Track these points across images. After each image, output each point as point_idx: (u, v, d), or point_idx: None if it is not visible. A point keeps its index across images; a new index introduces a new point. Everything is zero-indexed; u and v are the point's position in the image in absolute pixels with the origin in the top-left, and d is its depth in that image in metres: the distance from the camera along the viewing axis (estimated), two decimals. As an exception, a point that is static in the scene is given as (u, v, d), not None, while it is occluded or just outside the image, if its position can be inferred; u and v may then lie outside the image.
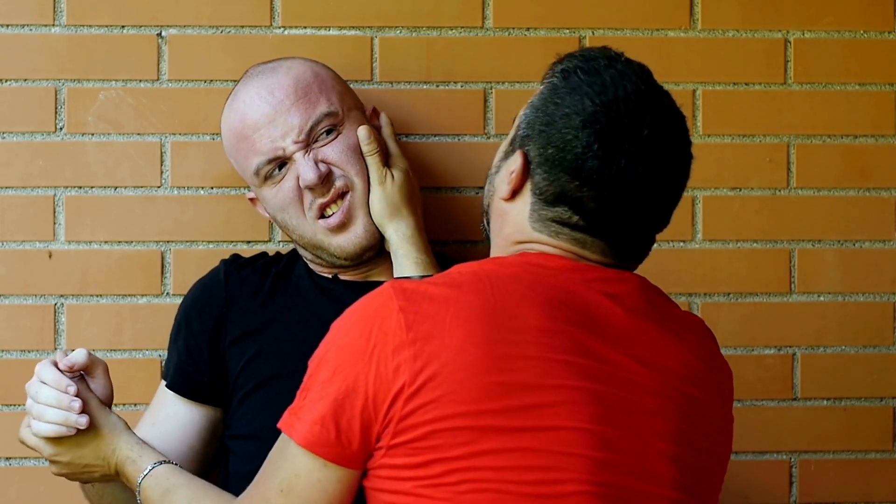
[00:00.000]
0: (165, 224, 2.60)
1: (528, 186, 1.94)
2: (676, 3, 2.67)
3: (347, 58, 2.59)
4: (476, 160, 2.62)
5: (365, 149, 2.39)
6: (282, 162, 2.38)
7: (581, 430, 1.82)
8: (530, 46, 2.64)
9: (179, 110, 2.61)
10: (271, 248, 2.60)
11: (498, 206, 1.98)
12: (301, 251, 2.47)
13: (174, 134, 2.61)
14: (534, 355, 1.82)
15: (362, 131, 2.39)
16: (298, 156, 2.36)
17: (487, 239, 2.04)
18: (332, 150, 2.38)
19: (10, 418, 2.58)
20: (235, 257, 2.51)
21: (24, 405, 2.58)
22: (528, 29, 2.65)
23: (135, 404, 2.58)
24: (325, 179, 2.36)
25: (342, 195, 2.38)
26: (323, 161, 2.37)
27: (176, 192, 2.61)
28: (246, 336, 2.41)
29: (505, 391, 1.81)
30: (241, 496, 1.99)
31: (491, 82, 2.64)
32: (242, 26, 2.62)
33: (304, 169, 2.35)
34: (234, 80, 2.59)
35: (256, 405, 2.37)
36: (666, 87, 2.62)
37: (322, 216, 2.38)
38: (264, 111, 2.37)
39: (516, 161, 1.94)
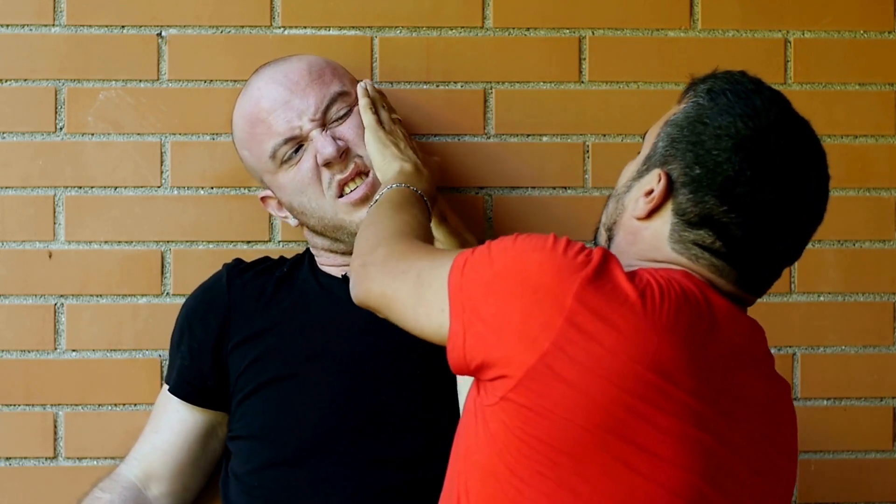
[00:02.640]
0: (165, 224, 2.60)
1: (668, 206, 1.91)
2: (676, 3, 2.67)
3: (347, 58, 2.59)
4: (476, 160, 2.62)
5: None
6: (298, 143, 2.37)
7: (685, 472, 1.80)
8: (530, 46, 2.64)
9: (179, 110, 2.61)
10: (271, 248, 2.60)
11: (629, 224, 1.95)
12: (318, 240, 2.44)
13: (174, 134, 2.61)
14: (672, 395, 1.79)
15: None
16: (315, 133, 2.36)
17: None
18: (349, 129, 2.38)
19: (10, 418, 2.58)
20: (238, 261, 2.50)
21: (23, 405, 2.59)
22: (528, 29, 2.65)
23: (135, 404, 2.58)
24: (344, 155, 2.36)
25: (361, 173, 2.37)
26: (340, 138, 2.37)
27: (176, 192, 2.61)
28: (248, 339, 2.40)
29: (630, 414, 1.78)
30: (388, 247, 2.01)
31: (491, 82, 2.64)
32: (242, 26, 2.62)
33: (322, 144, 2.35)
34: (234, 80, 2.60)
35: (256, 406, 2.36)
36: (666, 87, 2.65)
37: (342, 194, 2.37)
38: (280, 93, 2.38)
39: (656, 179, 1.91)
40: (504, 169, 2.63)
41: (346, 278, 2.42)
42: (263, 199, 2.49)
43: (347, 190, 2.37)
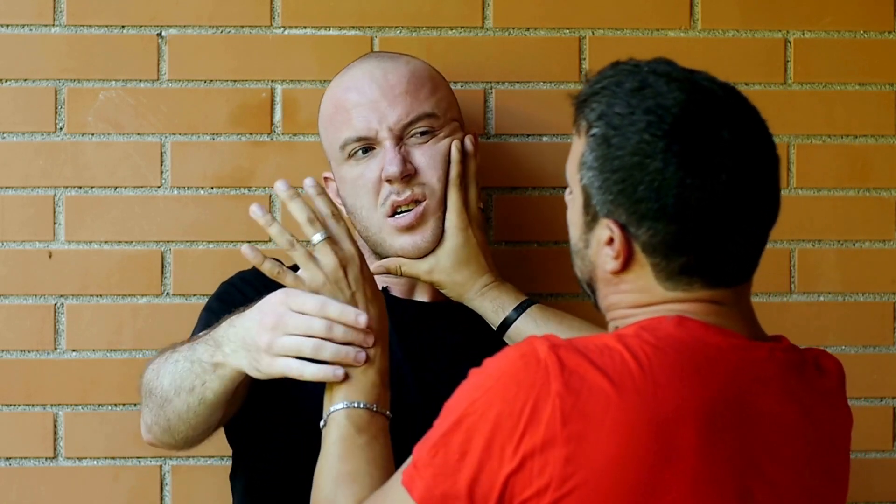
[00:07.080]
0: (165, 224, 2.60)
1: (636, 249, 1.75)
2: (676, 3, 2.67)
3: (347, 58, 2.58)
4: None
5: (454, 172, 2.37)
6: (369, 145, 2.34)
7: None
8: (530, 46, 2.64)
9: (179, 110, 2.61)
10: (271, 249, 2.60)
11: (607, 279, 1.79)
12: (363, 242, 2.40)
13: (174, 134, 2.61)
14: (688, 480, 1.66)
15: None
16: (388, 144, 2.33)
17: (596, 307, 1.87)
18: (422, 153, 2.34)
19: (10, 418, 2.58)
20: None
21: (23, 405, 2.59)
22: (528, 29, 2.65)
23: (135, 404, 2.57)
24: (407, 178, 2.32)
25: (416, 201, 2.33)
26: (411, 161, 2.33)
27: (176, 192, 2.61)
28: None
29: None
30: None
31: (491, 82, 2.64)
32: (242, 26, 2.62)
33: (389, 159, 2.32)
34: (234, 80, 2.60)
35: (263, 403, 2.33)
36: (666, 87, 2.64)
37: (393, 214, 2.34)
38: (372, 91, 2.35)
39: (609, 232, 1.76)
40: (504, 169, 2.63)
41: (384, 290, 2.40)
42: (326, 179, 2.47)
43: (399, 211, 2.34)
